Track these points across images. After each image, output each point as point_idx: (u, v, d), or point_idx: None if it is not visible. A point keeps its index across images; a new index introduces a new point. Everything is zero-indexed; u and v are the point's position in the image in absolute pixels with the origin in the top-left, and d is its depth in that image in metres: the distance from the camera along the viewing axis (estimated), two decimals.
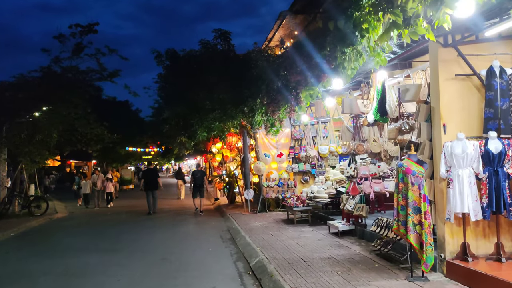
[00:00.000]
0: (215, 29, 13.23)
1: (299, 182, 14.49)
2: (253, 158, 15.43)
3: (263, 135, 14.52)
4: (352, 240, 8.67)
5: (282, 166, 14.59)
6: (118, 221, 14.01)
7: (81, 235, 11.56)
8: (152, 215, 15.49)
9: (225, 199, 19.10)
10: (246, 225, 11.50)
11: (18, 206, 15.46)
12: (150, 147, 45.45)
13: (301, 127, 14.64)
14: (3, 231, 11.77)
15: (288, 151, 14.55)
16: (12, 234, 11.77)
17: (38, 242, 10.72)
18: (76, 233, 11.94)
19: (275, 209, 14.28)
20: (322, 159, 10.99)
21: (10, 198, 15.25)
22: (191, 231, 11.73)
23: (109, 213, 16.18)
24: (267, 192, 14.10)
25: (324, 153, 10.63)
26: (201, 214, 15.19)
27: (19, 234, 11.94)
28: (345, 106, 9.39)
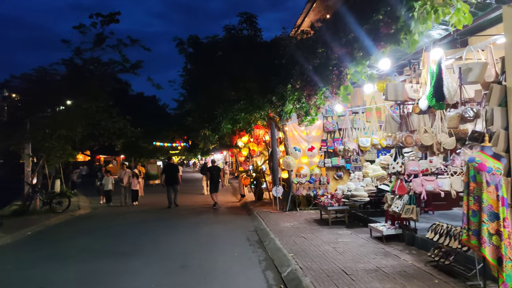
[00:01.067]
0: (240, 13, 12.18)
1: (332, 179, 13.34)
2: (281, 152, 14.35)
3: (293, 127, 13.41)
4: (400, 247, 7.49)
5: (314, 160, 13.46)
6: (140, 220, 13.20)
7: (99, 236, 10.79)
8: (175, 213, 14.70)
9: (252, 195, 18.10)
10: (275, 226, 10.46)
11: (40, 203, 14.88)
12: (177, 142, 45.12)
13: (334, 118, 13.45)
14: (20, 230, 11.14)
15: (320, 145, 13.40)
16: (28, 233, 11.12)
17: (52, 243, 9.98)
18: (94, 233, 11.17)
19: (306, 207, 13.18)
20: (363, 153, 9.80)
21: (32, 194, 14.71)
22: (215, 232, 10.78)
23: (132, 211, 15.42)
24: (297, 189, 13.00)
25: (366, 146, 9.44)
26: (214, 208, 15.58)
27: (35, 233, 11.28)
28: (389, 92, 8.17)
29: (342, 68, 6.88)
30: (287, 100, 9.82)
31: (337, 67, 6.97)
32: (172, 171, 16.42)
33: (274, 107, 11.08)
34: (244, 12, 12.10)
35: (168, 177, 16.08)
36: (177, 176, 16.36)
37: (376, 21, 5.13)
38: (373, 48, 5.71)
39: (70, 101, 15.07)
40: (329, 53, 6.88)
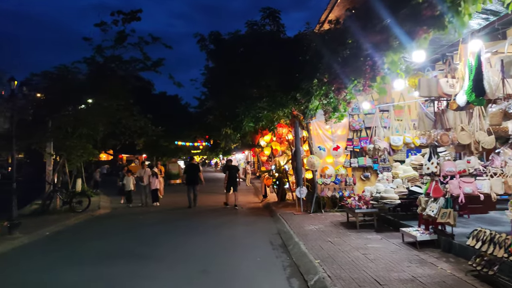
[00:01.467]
0: (263, 8, 11.77)
1: (358, 179, 12.80)
2: (305, 151, 13.88)
3: (317, 125, 12.93)
4: (436, 254, 6.94)
5: (339, 160, 12.95)
6: (159, 221, 12.91)
7: (117, 237, 10.54)
8: (195, 213, 14.41)
9: (274, 196, 17.67)
10: (299, 229, 10.01)
11: (60, 202, 14.79)
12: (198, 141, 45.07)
13: (360, 117, 12.90)
14: (38, 230, 10.98)
15: (346, 144, 12.87)
16: (47, 233, 10.95)
17: (69, 244, 9.75)
18: (112, 234, 10.92)
19: (331, 209, 12.67)
20: (394, 152, 9.23)
21: (52, 193, 14.63)
22: (237, 234, 10.40)
23: (152, 211, 15.17)
24: (322, 190, 12.51)
25: (398, 145, 8.87)
26: (236, 208, 15.44)
27: (54, 233, 11.11)
28: (422, 87, 7.63)
29: (377, 58, 6.34)
30: (313, 96, 9.30)
31: (371, 57, 6.44)
32: (193, 171, 16.48)
33: (298, 104, 10.63)
34: (267, 7, 11.70)
35: (189, 177, 16.24)
36: (198, 176, 16.40)
37: (416, 4, 4.61)
38: (413, 34, 5.17)
39: (91, 99, 14.90)
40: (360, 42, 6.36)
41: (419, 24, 4.98)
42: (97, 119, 15.55)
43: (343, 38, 6.96)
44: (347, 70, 7.00)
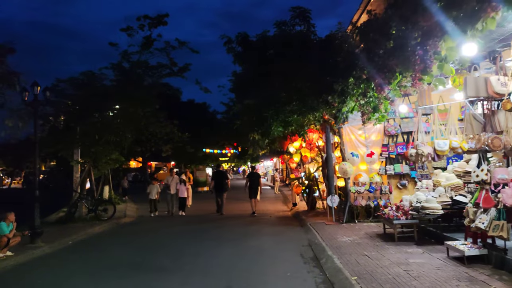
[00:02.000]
0: (293, 7, 11.22)
1: (395, 187, 12.00)
2: (337, 158, 13.20)
3: (350, 130, 12.23)
4: (487, 271, 6.16)
5: (373, 167, 12.19)
6: (184, 230, 12.44)
7: (140, 247, 10.10)
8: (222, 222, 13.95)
9: (304, 204, 16.99)
10: (332, 240, 9.34)
11: (85, 210, 14.59)
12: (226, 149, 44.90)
13: (396, 121, 12.12)
14: (61, 239, 10.73)
15: (381, 150, 12.11)
16: (70, 242, 10.68)
17: (91, 254, 9.38)
18: (135, 244, 10.50)
19: (365, 219, 11.91)
20: (439, 158, 8.45)
21: (77, 201, 14.45)
22: (265, 245, 9.81)
23: (177, 220, 14.73)
24: (355, 199, 11.78)
25: (443, 149, 8.08)
26: (254, 215, 15.56)
27: (77, 242, 10.83)
28: (469, 86, 6.92)
29: (429, 46, 5.62)
30: (348, 96, 8.61)
31: (422, 46, 5.70)
32: (220, 178, 16.61)
33: (330, 107, 10.00)
34: (297, 6, 11.14)
35: (216, 184, 16.47)
36: (225, 183, 16.52)
37: None
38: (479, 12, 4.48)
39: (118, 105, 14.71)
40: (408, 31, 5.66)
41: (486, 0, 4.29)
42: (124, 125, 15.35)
43: (386, 28, 6.25)
44: (391, 63, 6.24)
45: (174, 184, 15.98)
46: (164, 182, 16.40)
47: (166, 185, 16.20)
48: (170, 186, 15.93)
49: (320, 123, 11.22)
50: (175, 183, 16.04)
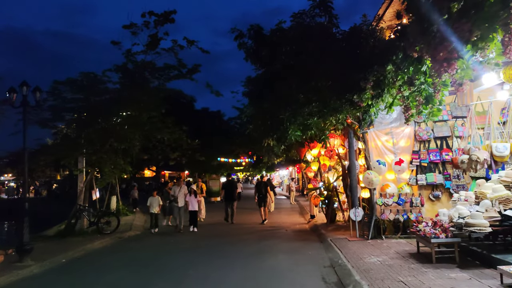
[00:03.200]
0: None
1: (426, 199, 10.67)
2: (360, 166, 11.95)
3: (375, 135, 10.96)
4: None
5: (402, 177, 10.89)
6: (192, 247, 11.22)
7: (141, 267, 8.95)
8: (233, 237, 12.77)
9: (323, 216, 15.71)
10: (358, 261, 8.08)
11: (87, 222, 13.55)
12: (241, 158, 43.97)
13: (428, 125, 10.82)
14: (54, 256, 9.67)
15: (411, 157, 10.80)
16: (63, 260, 9.59)
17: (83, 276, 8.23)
18: (136, 263, 9.35)
19: (393, 235, 10.60)
20: (497, 165, 7.16)
21: (77, 213, 13.39)
22: (281, 266, 8.58)
23: (186, 236, 13.49)
24: (382, 212, 10.49)
25: (503, 154, 6.78)
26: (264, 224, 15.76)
27: (71, 260, 9.74)
28: None
29: None
30: (386, 88, 7.25)
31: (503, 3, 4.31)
32: (231, 188, 16.47)
33: (355, 109, 8.77)
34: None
35: (227, 193, 16.26)
36: (235, 192, 16.48)
37: None
38: None
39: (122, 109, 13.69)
40: None
41: None
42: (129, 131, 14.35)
43: None
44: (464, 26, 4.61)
45: (182, 196, 14.17)
46: (171, 193, 14.50)
47: (172, 196, 14.39)
48: (178, 197, 14.12)
49: (343, 126, 9.95)
50: (184, 194, 14.25)
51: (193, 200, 14.17)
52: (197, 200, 14.43)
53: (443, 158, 10.62)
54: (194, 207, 14.16)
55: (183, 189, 14.42)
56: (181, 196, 14.15)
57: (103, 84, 14.10)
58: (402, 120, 10.63)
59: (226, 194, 16.29)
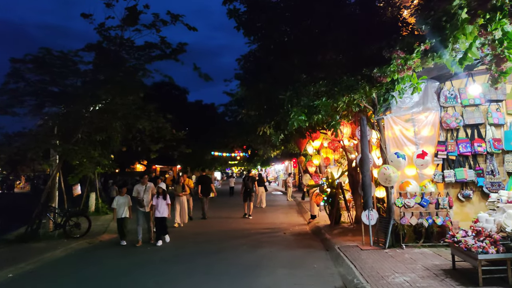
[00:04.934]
0: None
1: (455, 200, 8.86)
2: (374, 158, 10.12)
3: (393, 122, 9.09)
4: None
5: (426, 173, 9.06)
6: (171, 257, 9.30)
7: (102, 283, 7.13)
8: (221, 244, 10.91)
9: (325, 216, 13.91)
10: (379, 281, 6.28)
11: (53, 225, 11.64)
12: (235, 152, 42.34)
13: (457, 110, 8.99)
14: (1, 270, 7.77)
15: (436, 149, 8.97)
16: (10, 275, 7.70)
17: None
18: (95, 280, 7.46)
19: (413, 242, 8.81)
20: None
21: (40, 214, 11.41)
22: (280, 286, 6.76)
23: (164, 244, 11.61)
24: (401, 216, 8.67)
25: None
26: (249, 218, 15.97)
27: (21, 274, 7.83)
28: None
29: None
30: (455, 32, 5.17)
31: None
32: (206, 183, 16.54)
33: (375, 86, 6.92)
34: None
35: (202, 189, 16.22)
36: (210, 187, 16.64)
37: None
38: None
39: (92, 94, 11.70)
40: None
41: None
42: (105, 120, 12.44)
43: None
44: None
45: (147, 197, 10.91)
46: (135, 195, 11.00)
47: (136, 199, 10.96)
48: (143, 199, 10.86)
49: (359, 108, 8.01)
50: (150, 195, 10.94)
51: (160, 204, 10.63)
52: (166, 204, 10.72)
53: (474, 149, 8.80)
54: (162, 212, 10.61)
55: (149, 188, 11.09)
56: (147, 198, 10.93)
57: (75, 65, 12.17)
58: (426, 104, 8.86)
59: (202, 189, 16.23)
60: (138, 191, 10.95)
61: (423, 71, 7.45)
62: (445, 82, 9.00)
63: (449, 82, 9.02)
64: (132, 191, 11.11)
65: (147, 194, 10.90)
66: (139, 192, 10.93)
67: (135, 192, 10.94)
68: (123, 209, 10.69)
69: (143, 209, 10.84)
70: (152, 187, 11.12)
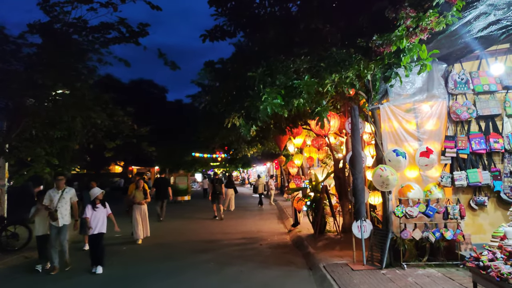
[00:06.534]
0: None
1: (467, 207, 7.25)
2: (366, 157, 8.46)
3: (391, 113, 7.41)
4: None
5: (430, 175, 7.42)
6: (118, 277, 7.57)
7: None
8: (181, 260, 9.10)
9: (308, 223, 12.20)
10: None
11: None
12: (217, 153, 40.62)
13: (469, 98, 7.38)
14: None
15: (443, 146, 7.34)
16: None
17: None
18: None
19: (415, 259, 7.16)
20: None
21: None
22: None
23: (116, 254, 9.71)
24: (402, 228, 7.01)
25: None
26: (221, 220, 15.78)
27: None
28: None
29: None
30: None
31: None
32: (162, 186, 16.37)
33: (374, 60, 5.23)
34: None
35: (158, 191, 16.01)
36: (167, 190, 16.45)
37: None
38: None
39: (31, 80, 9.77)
40: None
41: None
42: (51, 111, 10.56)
43: None
44: None
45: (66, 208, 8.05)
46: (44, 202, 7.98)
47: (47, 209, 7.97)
48: (56, 209, 7.87)
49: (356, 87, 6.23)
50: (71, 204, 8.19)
51: (95, 215, 7.87)
52: (106, 213, 8.12)
53: (490, 146, 7.21)
54: (99, 227, 7.86)
55: (68, 194, 8.15)
56: (63, 208, 7.99)
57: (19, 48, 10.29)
58: (431, 90, 7.22)
59: (158, 192, 16.03)
60: (51, 199, 7.94)
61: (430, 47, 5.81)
62: (453, 64, 7.39)
63: (459, 64, 7.42)
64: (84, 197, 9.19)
65: (64, 203, 8.01)
66: (52, 199, 7.93)
67: (46, 199, 7.97)
68: (42, 225, 8.08)
69: (56, 223, 7.81)
70: (71, 193, 8.23)
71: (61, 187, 8.13)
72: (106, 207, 8.15)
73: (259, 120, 5.98)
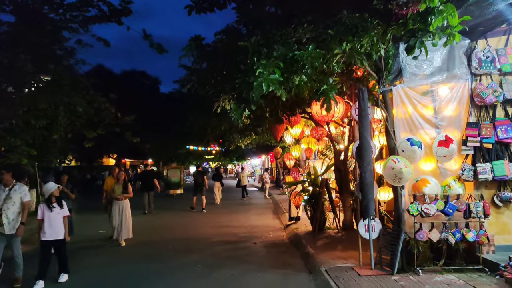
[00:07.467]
0: None
1: (491, 204, 6.33)
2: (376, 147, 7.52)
3: (405, 96, 6.44)
4: None
5: (449, 167, 6.50)
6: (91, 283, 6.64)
7: None
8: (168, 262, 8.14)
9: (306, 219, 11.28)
10: None
11: None
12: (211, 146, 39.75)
13: (494, 79, 6.45)
14: None
15: (465, 134, 6.39)
16: None
17: None
18: None
19: (430, 263, 6.26)
20: None
21: None
22: None
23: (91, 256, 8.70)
24: (417, 228, 6.10)
25: None
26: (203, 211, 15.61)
27: None
28: None
29: None
30: None
31: None
32: (148, 178, 16.40)
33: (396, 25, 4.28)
34: None
35: (144, 184, 16.24)
36: (152, 182, 16.34)
37: None
38: None
39: None
40: None
41: None
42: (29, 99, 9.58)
43: None
44: None
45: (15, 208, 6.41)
46: None
47: None
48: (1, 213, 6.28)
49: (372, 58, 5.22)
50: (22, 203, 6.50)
51: (51, 217, 6.39)
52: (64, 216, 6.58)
53: None
54: (55, 233, 6.41)
55: (17, 193, 6.49)
56: (10, 211, 6.34)
57: None
58: (452, 70, 6.29)
59: (144, 184, 16.29)
60: None
61: None
62: (477, 40, 6.44)
63: (483, 40, 6.47)
64: None
65: (11, 205, 6.35)
66: None
67: None
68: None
69: (1, 229, 6.24)
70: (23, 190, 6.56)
71: (9, 183, 6.47)
72: (64, 207, 6.58)
73: (253, 102, 4.98)
